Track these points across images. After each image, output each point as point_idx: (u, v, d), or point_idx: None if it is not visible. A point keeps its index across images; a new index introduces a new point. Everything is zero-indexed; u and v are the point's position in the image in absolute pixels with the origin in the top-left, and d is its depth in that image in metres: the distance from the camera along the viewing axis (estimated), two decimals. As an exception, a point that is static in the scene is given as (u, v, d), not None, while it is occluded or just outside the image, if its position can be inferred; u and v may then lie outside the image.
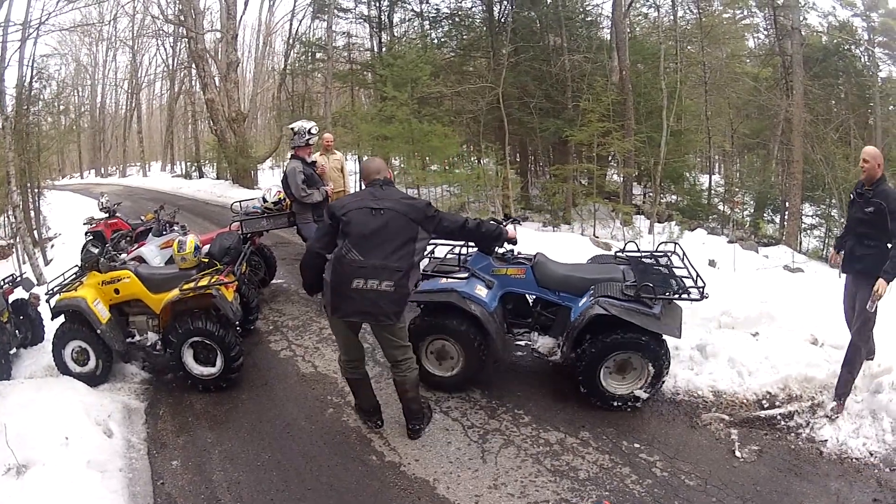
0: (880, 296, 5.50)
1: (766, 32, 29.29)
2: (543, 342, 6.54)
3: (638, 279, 6.10)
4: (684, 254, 6.66)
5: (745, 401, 5.88)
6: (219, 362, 6.79)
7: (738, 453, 5.15)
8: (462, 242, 6.67)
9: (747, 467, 4.98)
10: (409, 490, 4.97)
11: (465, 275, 6.43)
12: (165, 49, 47.48)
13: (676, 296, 5.90)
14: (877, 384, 5.47)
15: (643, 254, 7.03)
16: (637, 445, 5.33)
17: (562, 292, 6.39)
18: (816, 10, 26.37)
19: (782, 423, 5.54)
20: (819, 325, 6.85)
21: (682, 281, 6.08)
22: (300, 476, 5.27)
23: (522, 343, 6.86)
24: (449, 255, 7.10)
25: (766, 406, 5.78)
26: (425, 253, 5.98)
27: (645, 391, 5.98)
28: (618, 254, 7.30)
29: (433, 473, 5.14)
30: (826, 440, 5.25)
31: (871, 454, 5.03)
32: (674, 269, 6.43)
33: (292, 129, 9.33)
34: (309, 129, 8.94)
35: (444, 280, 6.46)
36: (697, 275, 6.10)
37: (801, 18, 23.98)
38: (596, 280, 6.25)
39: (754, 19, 29.48)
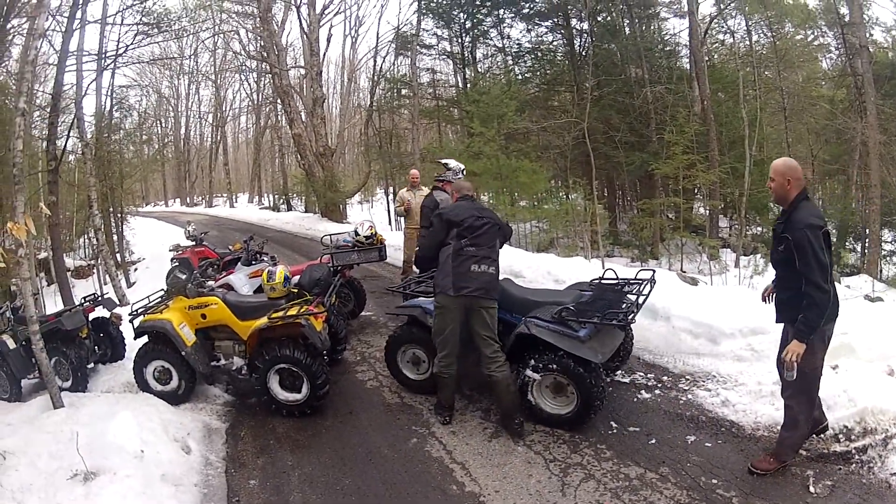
0: (790, 362, 4.94)
1: (837, 52, 28.89)
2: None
3: (585, 305, 6.43)
4: (652, 284, 7.03)
5: (823, 436, 5.79)
6: (304, 389, 7.01)
7: (811, 489, 5.09)
8: None
9: (819, 502, 4.96)
10: (488, 520, 5.06)
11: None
12: (249, 84, 48.60)
13: (597, 321, 6.19)
14: None
15: (619, 281, 7.36)
16: (715, 481, 5.31)
17: (515, 314, 6.68)
18: (881, 25, 26.00)
19: (857, 456, 5.46)
20: (896, 356, 6.78)
21: (633, 308, 6.41)
22: (379, 502, 5.40)
23: None
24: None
25: (842, 440, 5.71)
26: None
27: (574, 415, 6.27)
28: (592, 280, 7.61)
29: None
30: (895, 473, 5.18)
31: None
32: (639, 297, 6.69)
33: (446, 164, 9.94)
34: (462, 170, 9.52)
35: (420, 298, 7.42)
36: (638, 306, 6.47)
37: (868, 35, 23.58)
38: (543, 304, 6.56)
39: (826, 39, 29.09)
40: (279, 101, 30.64)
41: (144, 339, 7.75)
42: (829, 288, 4.78)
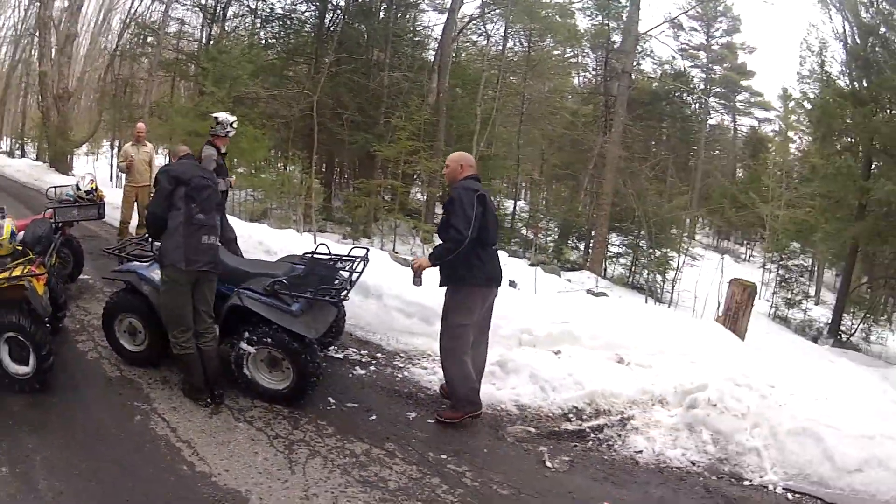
0: (416, 269, 5.91)
1: (594, 72, 30.66)
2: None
3: (297, 279, 6.35)
4: (366, 262, 6.90)
5: (550, 414, 5.99)
6: (32, 361, 6.28)
7: (548, 463, 5.20)
8: None
9: (560, 476, 5.04)
10: (223, 501, 4.85)
11: (149, 259, 6.72)
12: (18, 11, 44.98)
13: (310, 295, 6.07)
14: (692, 400, 5.68)
15: (332, 256, 7.27)
16: (444, 456, 5.32)
17: (228, 284, 6.48)
18: (653, 57, 27.97)
19: (592, 435, 5.66)
20: (625, 345, 7.10)
21: (346, 285, 6.37)
22: (116, 487, 5.05)
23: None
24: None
25: (573, 419, 5.92)
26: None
27: (290, 391, 6.11)
28: (305, 254, 7.49)
29: (244, 484, 5.02)
30: (641, 451, 5.40)
31: (693, 463, 5.22)
32: (352, 274, 6.63)
33: (216, 117, 9.23)
34: (231, 122, 8.88)
35: (135, 263, 6.83)
36: (352, 283, 6.41)
37: (635, 63, 25.24)
38: (256, 275, 6.44)
39: (584, 59, 30.84)
40: (38, 33, 29.15)
41: None
42: (466, 235, 5.48)
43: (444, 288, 5.97)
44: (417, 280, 5.95)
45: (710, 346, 7.31)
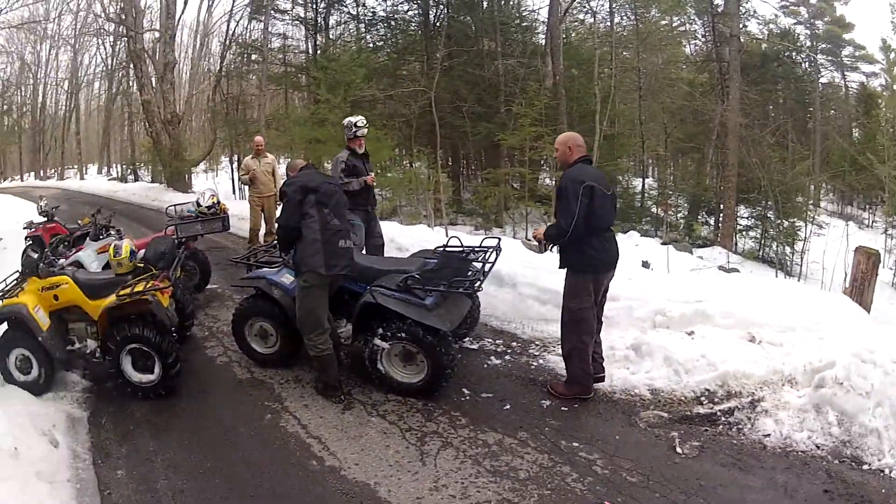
0: (536, 238, 6.11)
1: (703, 39, 29.76)
2: (346, 329, 7.01)
3: (430, 273, 6.39)
4: (498, 252, 6.98)
5: (683, 398, 5.90)
6: (157, 369, 6.62)
7: (678, 449, 5.13)
8: None
9: (689, 463, 4.96)
10: (350, 494, 4.90)
11: (278, 265, 7.13)
12: (105, 48, 47.00)
13: (443, 288, 6.13)
14: (819, 379, 5.46)
15: (464, 248, 7.40)
16: (576, 444, 5.29)
17: (361, 283, 6.58)
18: (757, 17, 26.93)
19: (723, 419, 5.54)
20: (756, 323, 6.88)
21: (479, 276, 6.39)
22: (242, 484, 5.19)
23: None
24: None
25: (704, 403, 5.81)
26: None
27: (425, 383, 6.21)
28: (437, 248, 7.60)
29: (374, 477, 5.08)
30: (769, 434, 5.26)
31: (818, 447, 5.04)
32: (485, 265, 6.68)
33: (343, 123, 9.27)
34: (355, 123, 8.82)
35: (263, 269, 7.27)
36: (485, 274, 6.45)
37: (741, 26, 24.29)
38: (388, 271, 6.51)
39: (692, 26, 29.94)
40: (132, 65, 29.77)
41: (4, 326, 7.16)
42: (568, 230, 5.69)
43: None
44: (540, 248, 6.12)
45: (838, 320, 7.00)
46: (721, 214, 23.87)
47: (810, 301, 7.69)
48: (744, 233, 24.03)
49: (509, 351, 7.41)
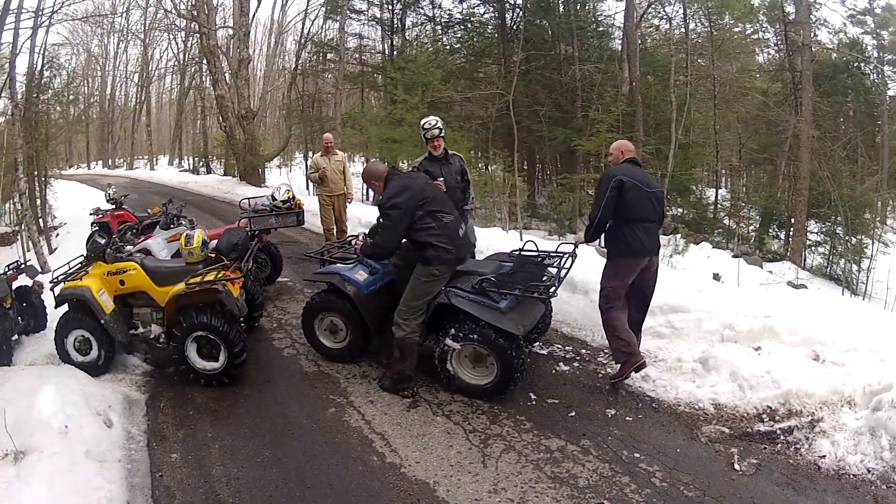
0: (576, 242, 7.10)
1: (776, 48, 29.24)
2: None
3: (505, 276, 6.40)
4: (574, 258, 7.01)
5: (745, 414, 5.84)
6: (222, 357, 6.77)
7: (737, 466, 5.09)
8: None
9: (746, 480, 4.92)
10: (408, 492, 4.94)
11: (352, 261, 7.21)
12: (177, 43, 47.91)
13: (518, 292, 6.13)
14: (877, 401, 5.39)
15: (539, 253, 7.36)
16: (637, 455, 5.29)
17: None
18: (827, 26, 26.32)
19: (782, 437, 5.48)
20: (821, 341, 6.78)
21: (554, 281, 6.48)
22: (300, 474, 5.25)
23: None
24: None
25: (766, 420, 5.75)
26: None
27: (493, 386, 6.22)
28: (513, 252, 7.57)
29: (433, 476, 5.11)
30: (824, 455, 5.19)
31: (869, 471, 4.96)
32: (560, 270, 6.69)
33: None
34: (423, 125, 8.67)
35: (336, 265, 7.33)
36: (560, 280, 6.53)
37: (812, 35, 23.83)
38: (463, 273, 6.52)
39: (764, 34, 29.43)
40: (205, 61, 30.22)
41: (65, 307, 7.40)
42: (596, 215, 6.47)
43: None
44: (573, 246, 7.01)
45: (900, 341, 6.91)
46: (791, 228, 23.37)
47: (874, 321, 7.57)
48: (812, 248, 23.54)
49: (578, 358, 7.41)
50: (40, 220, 21.05)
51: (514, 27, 27.43)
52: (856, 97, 27.52)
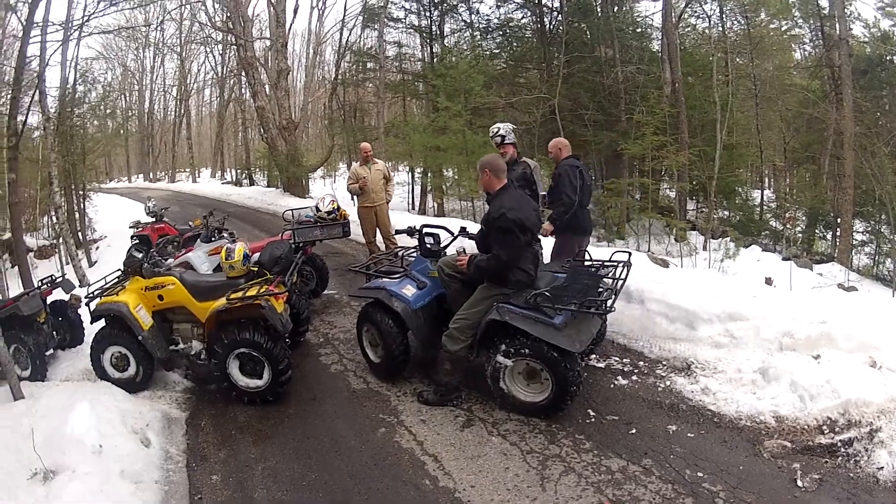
0: (545, 231, 8.15)
1: (812, 44, 28.92)
2: None
3: (560, 290, 6.12)
4: (629, 267, 6.75)
5: (806, 426, 5.68)
6: (266, 375, 6.68)
7: (799, 483, 4.93)
8: None
9: (808, 497, 4.76)
10: (463, 518, 4.79)
11: (399, 275, 7.13)
12: (214, 56, 48.55)
13: (574, 308, 5.84)
14: None
15: (593, 263, 7.14)
16: (700, 474, 5.12)
17: None
18: (861, 20, 25.95)
19: (842, 449, 5.31)
20: (876, 346, 6.59)
21: (611, 294, 6.13)
22: (347, 498, 5.14)
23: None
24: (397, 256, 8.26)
25: (826, 432, 5.58)
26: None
27: (549, 402, 6.00)
28: (566, 262, 7.34)
29: (490, 501, 4.95)
30: (882, 467, 5.02)
31: None
32: (616, 281, 6.50)
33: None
34: (491, 132, 8.67)
35: (383, 279, 7.18)
36: (616, 292, 6.26)
37: (848, 29, 23.47)
38: None
39: (800, 30, 29.11)
40: (243, 73, 30.22)
41: (101, 323, 7.41)
42: (574, 199, 8.09)
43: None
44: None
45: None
46: (838, 229, 23.00)
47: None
48: (858, 248, 23.13)
49: (636, 371, 7.21)
50: (78, 234, 21.29)
51: (553, 30, 27.36)
52: (891, 91, 27.03)
